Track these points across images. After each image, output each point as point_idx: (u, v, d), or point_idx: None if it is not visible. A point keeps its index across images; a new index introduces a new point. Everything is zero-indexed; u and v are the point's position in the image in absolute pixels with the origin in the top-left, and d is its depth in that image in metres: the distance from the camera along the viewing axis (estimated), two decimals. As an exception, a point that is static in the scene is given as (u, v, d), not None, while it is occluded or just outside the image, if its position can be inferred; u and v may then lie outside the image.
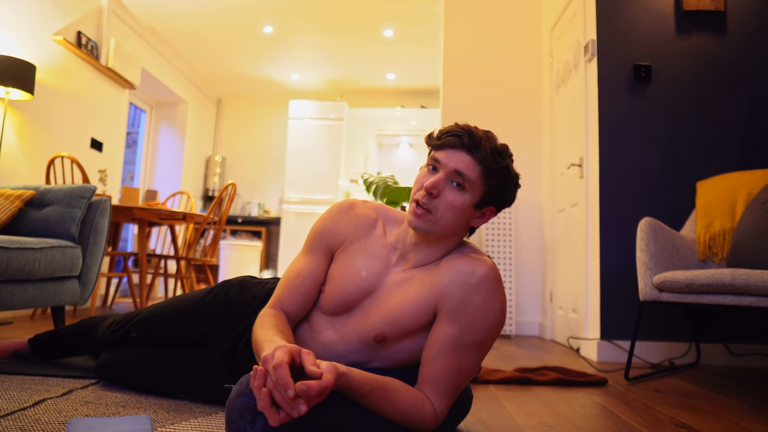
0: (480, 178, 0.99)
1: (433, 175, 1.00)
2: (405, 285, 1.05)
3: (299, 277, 1.09)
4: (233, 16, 4.83)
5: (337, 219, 1.12)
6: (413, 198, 1.00)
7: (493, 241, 3.54)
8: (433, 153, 1.02)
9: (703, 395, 1.74)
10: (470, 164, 0.99)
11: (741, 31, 2.62)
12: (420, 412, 0.94)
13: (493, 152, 0.99)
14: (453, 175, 0.98)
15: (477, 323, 0.98)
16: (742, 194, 2.18)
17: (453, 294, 0.99)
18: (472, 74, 3.80)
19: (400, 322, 1.02)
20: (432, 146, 1.03)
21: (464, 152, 0.99)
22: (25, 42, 3.37)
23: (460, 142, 0.99)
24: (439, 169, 1.00)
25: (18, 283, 1.98)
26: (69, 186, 2.35)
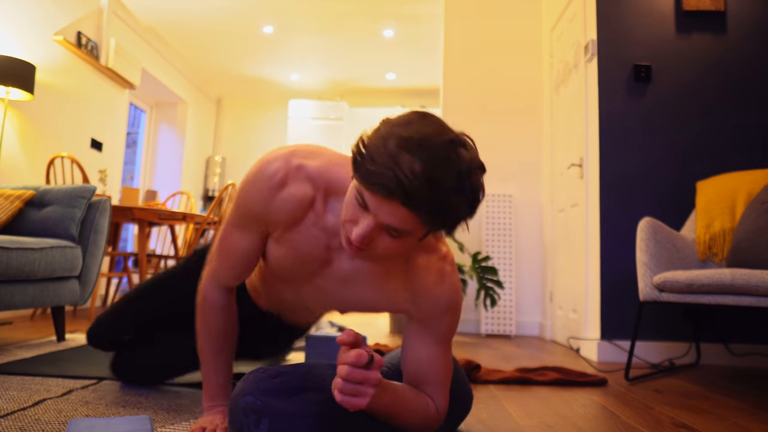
0: (422, 226, 0.78)
1: (362, 216, 0.79)
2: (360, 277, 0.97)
3: (237, 254, 1.04)
4: (233, 16, 4.83)
5: (268, 201, 0.94)
6: (344, 225, 0.83)
7: (493, 241, 3.54)
8: (361, 185, 0.77)
9: (703, 395, 1.74)
10: (407, 217, 0.76)
11: (741, 31, 2.62)
12: (428, 412, 0.95)
13: (439, 202, 0.74)
14: (384, 225, 0.78)
15: (453, 324, 0.99)
16: (742, 194, 2.18)
17: (424, 308, 0.96)
18: (472, 74, 3.80)
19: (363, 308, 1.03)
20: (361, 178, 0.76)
21: (398, 204, 0.74)
22: (26, 42, 3.37)
23: (392, 194, 0.74)
24: (370, 210, 0.78)
25: (18, 283, 1.98)
26: (69, 186, 2.35)
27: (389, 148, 0.74)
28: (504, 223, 3.56)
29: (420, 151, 0.73)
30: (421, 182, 0.72)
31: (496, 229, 3.56)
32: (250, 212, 0.98)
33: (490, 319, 3.42)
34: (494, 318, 3.43)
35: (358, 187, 0.78)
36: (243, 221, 1.00)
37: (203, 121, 6.54)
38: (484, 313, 3.43)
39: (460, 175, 0.75)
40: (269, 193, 0.93)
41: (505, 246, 3.54)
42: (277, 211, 0.94)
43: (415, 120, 0.79)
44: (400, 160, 0.73)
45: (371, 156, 0.75)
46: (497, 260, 3.51)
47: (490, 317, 3.42)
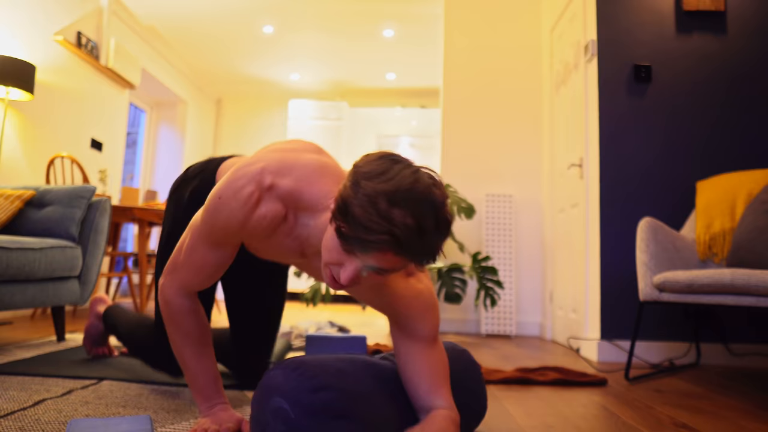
0: (407, 263, 0.83)
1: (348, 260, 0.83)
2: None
3: (208, 267, 1.05)
4: (233, 16, 4.83)
5: (244, 222, 0.95)
6: (327, 265, 0.86)
7: (493, 241, 3.54)
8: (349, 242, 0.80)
9: (703, 395, 1.74)
10: (395, 261, 0.81)
11: (741, 31, 2.62)
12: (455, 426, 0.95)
13: (426, 244, 0.79)
14: (375, 269, 0.83)
15: (434, 321, 1.02)
16: (742, 194, 2.18)
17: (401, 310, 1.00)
18: (472, 74, 3.80)
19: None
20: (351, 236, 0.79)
21: (391, 254, 0.79)
22: (26, 42, 3.37)
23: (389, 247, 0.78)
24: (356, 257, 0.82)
25: (18, 283, 1.98)
26: (69, 186, 2.35)
27: (380, 208, 0.77)
28: (504, 223, 3.57)
29: (407, 203, 0.77)
30: (413, 233, 0.77)
31: (496, 229, 3.56)
32: (225, 231, 0.99)
33: (490, 319, 3.42)
34: (494, 318, 3.43)
35: (342, 241, 0.81)
36: (216, 239, 1.02)
37: (203, 121, 6.54)
38: (484, 313, 3.43)
39: (438, 216, 0.79)
40: (244, 214, 0.95)
41: (505, 246, 3.54)
42: (252, 229, 0.97)
43: (389, 167, 0.81)
44: (393, 217, 0.76)
45: (363, 223, 0.77)
46: (497, 260, 3.51)
47: (490, 317, 3.42)
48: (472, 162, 3.70)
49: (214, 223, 0.99)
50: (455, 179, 3.69)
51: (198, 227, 1.04)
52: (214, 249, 1.03)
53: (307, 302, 3.26)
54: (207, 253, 1.04)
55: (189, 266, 1.06)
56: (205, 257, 1.05)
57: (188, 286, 1.08)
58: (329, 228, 0.86)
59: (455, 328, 3.54)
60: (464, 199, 3.35)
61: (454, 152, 3.72)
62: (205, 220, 1.01)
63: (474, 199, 3.66)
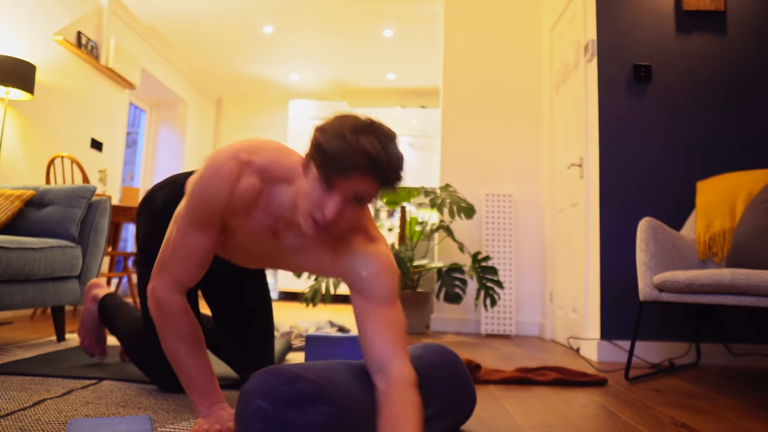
0: (378, 189, 0.95)
1: (329, 197, 0.93)
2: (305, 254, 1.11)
3: (198, 254, 1.10)
4: (233, 16, 4.83)
5: (228, 197, 1.03)
6: (309, 213, 0.96)
7: (493, 241, 3.54)
8: (330, 174, 0.91)
9: (703, 395, 1.74)
10: (372, 186, 0.93)
11: (741, 31, 2.62)
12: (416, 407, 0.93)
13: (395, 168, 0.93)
14: (353, 197, 0.93)
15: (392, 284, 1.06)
16: (742, 194, 2.18)
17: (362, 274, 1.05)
18: (472, 74, 3.80)
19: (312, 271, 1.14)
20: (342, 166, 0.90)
21: (368, 176, 0.91)
22: (25, 42, 3.37)
23: (364, 168, 0.90)
24: (336, 190, 0.92)
25: (18, 283, 1.98)
26: (69, 186, 2.35)
27: (348, 137, 0.90)
28: (504, 223, 3.56)
29: (371, 132, 0.91)
30: (381, 154, 0.90)
31: (496, 229, 3.56)
32: (211, 209, 1.05)
33: (490, 319, 3.42)
34: (494, 318, 3.43)
35: (324, 175, 0.92)
36: (203, 220, 1.07)
37: (203, 121, 6.54)
38: (484, 313, 3.43)
39: (396, 144, 0.94)
40: (228, 189, 1.03)
41: (505, 246, 3.54)
42: (235, 204, 1.04)
43: (345, 115, 0.95)
44: (362, 142, 0.90)
45: (336, 150, 0.90)
46: (497, 260, 3.51)
47: (490, 317, 3.42)
48: (472, 162, 3.70)
49: (199, 204, 1.05)
50: (455, 179, 3.69)
51: (182, 216, 1.09)
52: (200, 232, 1.08)
53: (307, 302, 3.26)
54: (194, 238, 1.09)
55: (178, 258, 1.10)
56: (194, 244, 1.09)
57: (179, 280, 1.11)
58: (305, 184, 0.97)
59: (455, 328, 3.54)
60: (464, 199, 3.35)
61: (454, 152, 3.72)
62: (189, 206, 1.07)
63: (474, 199, 3.66)
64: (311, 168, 0.95)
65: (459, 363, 1.21)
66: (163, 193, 1.43)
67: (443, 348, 1.23)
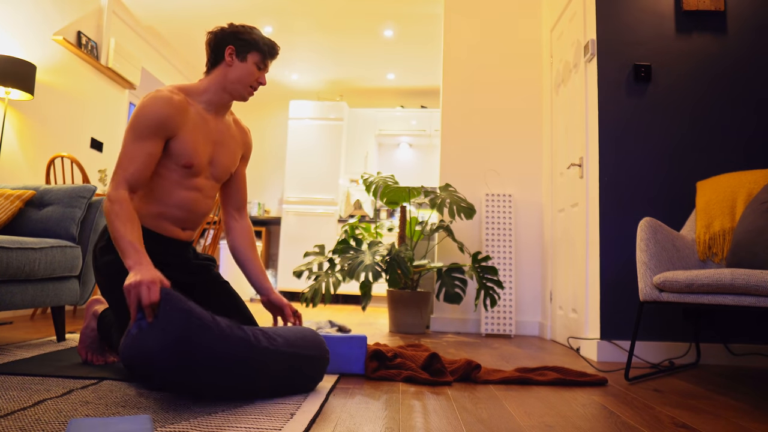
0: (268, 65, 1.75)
1: (261, 73, 1.70)
2: (227, 140, 1.75)
3: (142, 156, 1.50)
4: (233, 16, 4.83)
5: (168, 113, 1.53)
6: (251, 85, 1.69)
7: (493, 241, 3.54)
8: (268, 59, 1.70)
9: (703, 395, 1.74)
10: (270, 63, 1.74)
11: (741, 31, 2.62)
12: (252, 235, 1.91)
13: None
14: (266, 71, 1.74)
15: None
16: (742, 194, 2.18)
17: (248, 147, 1.88)
18: (472, 74, 3.80)
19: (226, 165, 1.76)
20: (268, 54, 1.70)
21: (274, 58, 1.75)
22: (25, 42, 3.37)
23: (275, 54, 1.73)
24: (264, 69, 1.71)
25: (18, 283, 1.98)
26: (69, 186, 2.35)
27: (265, 38, 1.71)
28: (504, 223, 3.57)
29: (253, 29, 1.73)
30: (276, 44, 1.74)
31: (495, 229, 3.56)
32: (155, 122, 1.52)
33: (490, 319, 3.42)
34: (494, 318, 3.43)
35: (258, 61, 1.68)
36: (146, 133, 1.51)
37: (203, 121, 6.54)
38: (484, 313, 3.43)
39: None
40: (168, 107, 1.54)
41: (504, 246, 3.54)
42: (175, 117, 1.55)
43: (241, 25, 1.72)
44: (269, 39, 1.72)
45: (265, 46, 1.70)
46: (497, 260, 3.51)
47: (490, 317, 3.42)
48: (472, 162, 3.70)
49: (143, 121, 1.51)
50: (455, 179, 3.69)
51: (129, 134, 1.51)
52: (144, 141, 1.51)
53: (307, 302, 3.26)
54: (138, 146, 1.50)
55: (127, 160, 1.49)
56: (137, 148, 1.50)
57: (126, 179, 1.48)
58: (235, 73, 1.66)
59: (455, 328, 3.54)
60: (464, 199, 3.35)
61: (454, 152, 3.72)
62: (135, 124, 1.51)
63: (474, 199, 3.66)
64: (245, 59, 1.66)
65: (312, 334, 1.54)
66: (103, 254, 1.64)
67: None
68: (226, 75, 1.66)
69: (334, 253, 3.39)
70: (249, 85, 1.67)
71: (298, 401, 1.40)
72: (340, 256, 3.32)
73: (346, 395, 1.54)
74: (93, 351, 1.81)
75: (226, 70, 1.66)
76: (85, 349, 1.81)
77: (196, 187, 1.67)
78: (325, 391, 1.54)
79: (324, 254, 3.54)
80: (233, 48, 1.65)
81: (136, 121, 1.51)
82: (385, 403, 1.47)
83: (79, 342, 1.82)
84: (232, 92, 1.67)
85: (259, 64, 1.67)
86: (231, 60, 1.65)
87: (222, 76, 1.66)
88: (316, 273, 3.40)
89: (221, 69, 1.66)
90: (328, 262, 3.40)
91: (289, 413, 1.27)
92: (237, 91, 1.67)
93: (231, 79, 1.65)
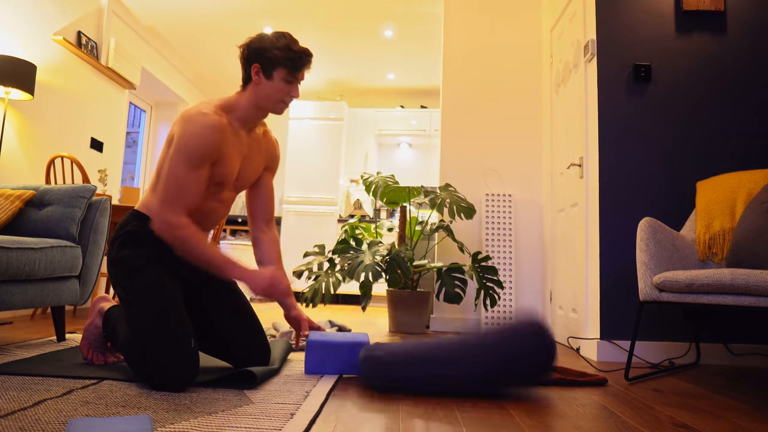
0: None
1: (292, 87, 1.70)
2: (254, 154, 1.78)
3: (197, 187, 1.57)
4: (233, 16, 4.83)
5: (216, 141, 1.58)
6: (283, 100, 1.70)
7: (493, 241, 3.54)
8: (296, 72, 1.68)
9: (703, 395, 1.74)
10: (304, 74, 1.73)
11: (741, 31, 2.62)
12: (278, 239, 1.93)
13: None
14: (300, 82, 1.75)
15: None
16: (742, 194, 2.18)
17: (275, 159, 1.91)
18: (472, 74, 3.80)
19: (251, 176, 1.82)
20: (293, 68, 1.67)
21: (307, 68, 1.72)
22: (25, 42, 3.37)
23: (307, 65, 1.71)
24: (295, 82, 1.69)
25: (18, 283, 1.98)
26: (69, 186, 2.35)
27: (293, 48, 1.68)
28: (504, 223, 3.57)
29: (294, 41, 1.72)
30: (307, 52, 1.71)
31: (495, 229, 3.56)
32: (206, 153, 1.56)
33: (490, 319, 3.42)
34: (494, 318, 3.43)
35: (285, 76, 1.67)
36: (200, 162, 1.56)
37: (203, 121, 6.53)
38: (484, 313, 3.43)
39: None
40: (215, 134, 1.57)
41: (504, 246, 3.54)
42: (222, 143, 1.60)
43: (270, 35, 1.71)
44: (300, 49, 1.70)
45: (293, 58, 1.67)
46: (497, 260, 3.51)
47: (490, 317, 3.42)
48: (472, 162, 3.70)
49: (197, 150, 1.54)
50: (455, 179, 3.69)
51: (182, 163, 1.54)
52: (198, 170, 1.56)
53: (307, 302, 3.26)
54: (193, 176, 1.55)
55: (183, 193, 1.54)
56: (195, 179, 1.55)
57: (184, 207, 1.54)
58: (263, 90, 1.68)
59: (455, 327, 3.54)
60: (464, 199, 3.35)
61: (454, 152, 3.72)
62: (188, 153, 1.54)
63: (474, 198, 3.66)
64: (272, 77, 1.66)
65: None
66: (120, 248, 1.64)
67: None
68: (257, 93, 1.68)
69: (334, 253, 3.39)
70: (280, 101, 1.69)
71: (298, 401, 1.40)
72: (340, 256, 3.32)
73: (346, 395, 1.54)
74: (95, 349, 1.81)
75: (256, 88, 1.68)
76: (87, 347, 1.81)
77: (220, 199, 1.73)
78: (325, 391, 1.54)
79: (324, 254, 3.54)
80: (258, 66, 1.66)
81: (189, 151, 1.53)
82: (385, 403, 1.47)
83: (81, 339, 1.82)
84: (265, 109, 1.71)
85: (287, 78, 1.66)
86: (258, 78, 1.67)
87: (253, 94, 1.68)
88: (316, 273, 3.40)
89: (252, 87, 1.69)
90: (328, 262, 3.40)
91: (289, 413, 1.27)
92: (268, 108, 1.70)
93: (261, 97, 1.68)
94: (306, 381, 1.67)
